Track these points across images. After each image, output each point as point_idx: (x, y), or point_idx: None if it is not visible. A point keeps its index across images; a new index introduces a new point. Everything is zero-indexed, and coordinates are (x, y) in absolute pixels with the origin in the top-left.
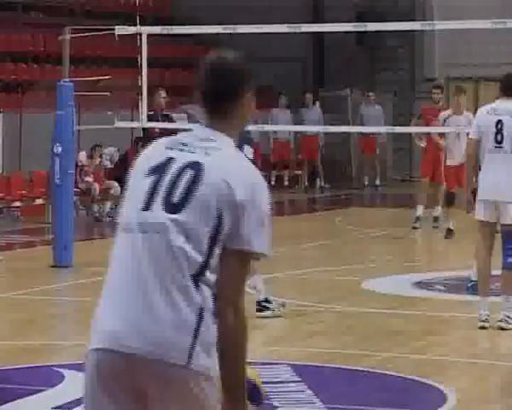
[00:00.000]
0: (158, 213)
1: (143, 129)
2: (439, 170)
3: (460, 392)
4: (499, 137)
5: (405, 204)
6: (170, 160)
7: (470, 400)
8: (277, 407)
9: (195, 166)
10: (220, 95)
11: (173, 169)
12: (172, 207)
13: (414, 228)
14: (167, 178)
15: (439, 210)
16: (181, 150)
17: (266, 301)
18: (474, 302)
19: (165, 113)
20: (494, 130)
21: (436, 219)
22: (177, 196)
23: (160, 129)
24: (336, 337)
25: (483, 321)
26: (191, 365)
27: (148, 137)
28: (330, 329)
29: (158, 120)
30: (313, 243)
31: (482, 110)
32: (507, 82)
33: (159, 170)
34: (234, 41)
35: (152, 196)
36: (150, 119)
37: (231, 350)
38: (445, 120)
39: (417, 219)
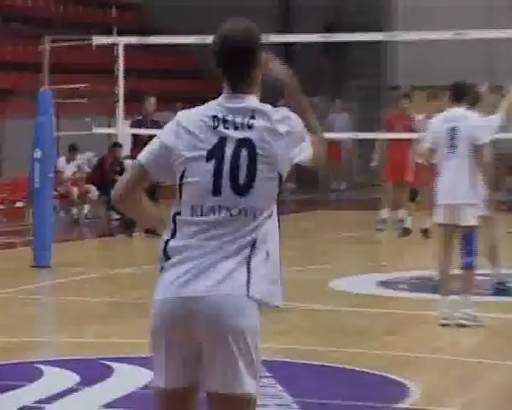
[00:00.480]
0: (227, 195)
1: (134, 137)
2: (404, 172)
3: (423, 386)
4: (453, 143)
5: (370, 207)
6: (222, 139)
7: (433, 393)
8: None
9: (248, 144)
10: (249, 70)
11: (229, 151)
12: (240, 189)
13: (378, 230)
14: (227, 163)
15: (403, 212)
16: (227, 128)
17: None
18: (437, 301)
19: (153, 119)
20: (448, 136)
21: (400, 221)
22: (241, 178)
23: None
24: (303, 335)
25: (444, 319)
26: None
27: (137, 140)
28: (298, 327)
29: (147, 126)
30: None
31: (436, 119)
32: (455, 90)
33: (215, 153)
34: (207, 51)
35: (219, 179)
36: (140, 124)
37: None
38: (421, 123)
39: (382, 221)
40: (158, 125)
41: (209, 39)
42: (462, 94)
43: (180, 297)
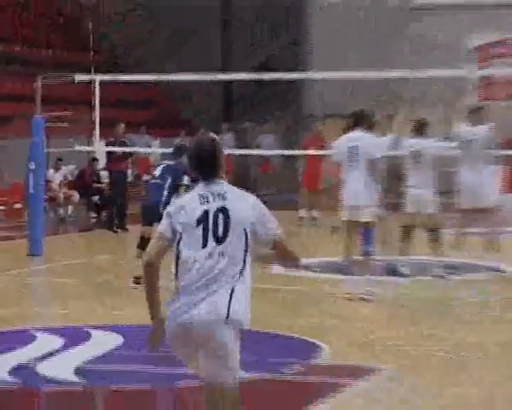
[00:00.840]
0: (211, 245)
1: (108, 153)
2: (317, 181)
3: (333, 346)
4: (354, 158)
5: (292, 208)
6: (206, 212)
7: (340, 351)
8: None
9: (223, 210)
10: (215, 168)
11: (210, 216)
12: (218, 239)
13: (298, 225)
14: (211, 222)
15: (316, 213)
16: (207, 202)
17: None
18: (343, 280)
19: (122, 140)
20: (350, 153)
21: (314, 218)
22: (220, 232)
23: (123, 152)
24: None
25: (349, 294)
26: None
27: (111, 156)
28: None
29: (117, 145)
30: None
31: (340, 139)
32: (355, 117)
33: (202, 219)
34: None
35: (206, 236)
36: (112, 144)
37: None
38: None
39: (300, 218)
40: (125, 144)
41: (165, 77)
42: (359, 120)
43: (177, 324)
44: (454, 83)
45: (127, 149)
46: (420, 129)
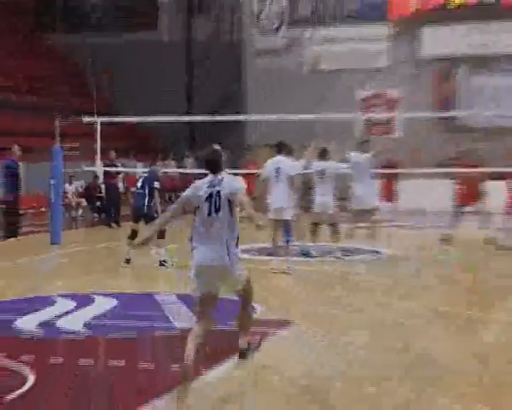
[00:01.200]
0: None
1: (105, 172)
2: (251, 191)
3: (266, 305)
4: (278, 175)
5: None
6: (210, 194)
7: (270, 309)
8: (169, 317)
9: (219, 193)
10: (217, 166)
11: (213, 196)
12: (216, 210)
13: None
14: (213, 200)
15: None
16: (212, 187)
17: (164, 261)
18: (271, 259)
19: (113, 163)
20: (275, 171)
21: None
22: (217, 206)
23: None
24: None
25: (273, 269)
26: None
27: (107, 174)
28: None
29: (110, 166)
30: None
31: (268, 162)
32: (278, 146)
33: (208, 198)
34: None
35: (210, 208)
36: (108, 165)
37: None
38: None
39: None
40: (116, 166)
41: (143, 119)
42: (281, 148)
43: (201, 264)
44: (347, 123)
45: (118, 169)
46: (323, 155)
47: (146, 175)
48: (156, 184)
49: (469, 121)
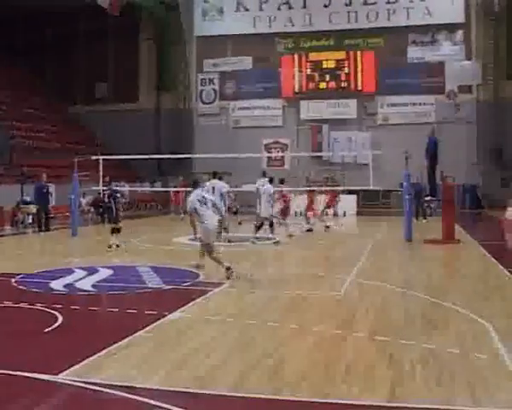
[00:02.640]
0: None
1: (103, 190)
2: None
3: (204, 274)
4: (213, 190)
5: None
6: (204, 196)
7: (207, 277)
8: (145, 281)
9: (205, 199)
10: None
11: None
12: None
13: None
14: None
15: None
16: (207, 192)
17: (115, 245)
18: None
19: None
20: (212, 188)
21: (182, 219)
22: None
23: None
24: (181, 259)
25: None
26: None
27: (104, 192)
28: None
29: (107, 186)
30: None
31: (206, 183)
32: (213, 173)
33: (203, 200)
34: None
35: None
36: (105, 185)
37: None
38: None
39: (182, 218)
40: (109, 183)
41: (134, 156)
42: (215, 175)
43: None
44: (258, 161)
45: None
46: (264, 174)
47: (108, 192)
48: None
49: (331, 158)
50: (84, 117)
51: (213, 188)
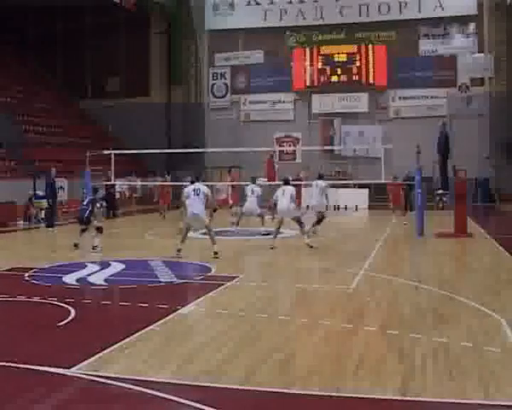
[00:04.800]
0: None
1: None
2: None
3: (215, 268)
4: (198, 193)
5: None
6: (194, 189)
7: (220, 270)
8: (157, 275)
9: (199, 190)
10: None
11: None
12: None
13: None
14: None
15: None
16: (195, 188)
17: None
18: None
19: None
20: (196, 191)
21: (164, 217)
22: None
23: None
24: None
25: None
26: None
27: (108, 188)
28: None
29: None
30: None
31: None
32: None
33: (194, 192)
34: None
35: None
36: (107, 182)
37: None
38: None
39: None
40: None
41: (145, 151)
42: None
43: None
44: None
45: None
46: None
47: (91, 197)
48: (100, 193)
49: (343, 152)
50: (95, 111)
51: (197, 188)
